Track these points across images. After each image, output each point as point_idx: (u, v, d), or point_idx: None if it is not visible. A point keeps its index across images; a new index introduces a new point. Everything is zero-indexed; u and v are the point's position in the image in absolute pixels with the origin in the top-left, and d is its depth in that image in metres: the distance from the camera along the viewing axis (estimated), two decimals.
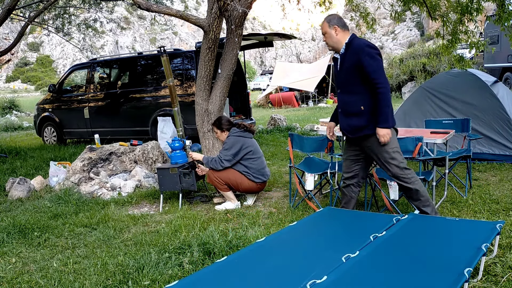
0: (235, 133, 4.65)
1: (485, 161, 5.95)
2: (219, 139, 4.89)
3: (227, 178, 4.59)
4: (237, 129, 4.68)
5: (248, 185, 4.64)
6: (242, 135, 4.64)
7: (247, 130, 4.71)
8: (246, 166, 4.62)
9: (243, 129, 4.70)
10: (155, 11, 5.50)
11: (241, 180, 4.60)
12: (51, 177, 5.86)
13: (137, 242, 3.71)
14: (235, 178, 4.59)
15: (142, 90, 8.58)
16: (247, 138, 4.66)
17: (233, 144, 4.57)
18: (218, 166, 4.56)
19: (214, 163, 4.57)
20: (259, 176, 4.67)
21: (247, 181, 4.62)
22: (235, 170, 4.61)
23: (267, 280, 2.49)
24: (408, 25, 53.83)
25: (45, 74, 58.17)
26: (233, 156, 4.55)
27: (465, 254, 2.56)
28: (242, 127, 4.72)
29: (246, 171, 4.62)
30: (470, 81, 6.29)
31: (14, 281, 3.12)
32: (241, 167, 4.61)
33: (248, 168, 4.63)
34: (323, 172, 4.45)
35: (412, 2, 6.53)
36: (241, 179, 4.61)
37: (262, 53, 71.89)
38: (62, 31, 12.35)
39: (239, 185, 4.62)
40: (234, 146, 4.56)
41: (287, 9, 45.55)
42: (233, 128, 4.71)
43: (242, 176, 4.61)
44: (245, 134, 4.67)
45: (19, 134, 13.82)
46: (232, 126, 4.75)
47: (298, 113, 16.01)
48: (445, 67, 16.73)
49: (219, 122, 4.79)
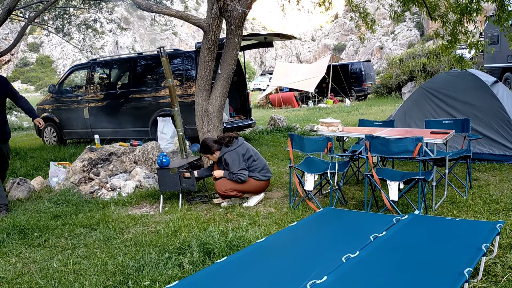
0: (229, 150, 4.67)
1: (485, 161, 5.95)
2: (213, 161, 4.92)
3: (233, 187, 4.63)
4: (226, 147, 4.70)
5: (257, 184, 4.71)
6: (234, 147, 4.68)
7: (232, 140, 4.72)
8: (252, 169, 4.70)
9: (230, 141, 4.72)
10: (155, 12, 5.50)
11: (248, 183, 4.67)
12: (51, 178, 5.86)
13: (137, 243, 3.71)
14: (241, 183, 4.64)
15: (142, 91, 8.58)
16: (241, 146, 4.70)
17: (234, 159, 4.61)
18: (241, 179, 4.60)
19: (237, 179, 4.60)
20: (265, 174, 4.77)
21: (255, 182, 4.70)
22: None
23: (267, 280, 2.49)
24: (408, 25, 53.83)
25: (45, 74, 58.14)
26: (243, 167, 4.61)
27: (465, 254, 2.57)
28: (228, 139, 4.74)
29: (252, 174, 4.69)
30: (470, 81, 6.29)
31: (14, 281, 3.12)
32: (247, 171, 4.69)
33: (253, 171, 4.70)
34: (323, 172, 4.45)
35: (411, 2, 6.54)
36: (248, 182, 4.67)
37: (262, 53, 71.88)
38: (62, 31, 12.36)
39: (248, 188, 4.69)
40: (236, 160, 4.60)
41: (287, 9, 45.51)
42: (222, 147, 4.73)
43: (248, 179, 4.67)
44: (236, 144, 4.71)
45: (19, 135, 13.82)
46: (218, 143, 4.78)
47: (298, 113, 16.01)
48: (445, 67, 16.73)
49: (207, 147, 4.81)
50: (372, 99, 20.43)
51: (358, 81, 21.06)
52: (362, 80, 20.97)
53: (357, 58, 50.08)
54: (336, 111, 15.67)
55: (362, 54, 54.32)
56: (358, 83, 21.05)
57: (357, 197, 4.85)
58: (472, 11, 6.03)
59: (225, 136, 4.83)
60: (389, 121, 5.80)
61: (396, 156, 4.13)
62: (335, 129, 5.04)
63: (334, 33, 65.50)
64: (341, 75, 20.79)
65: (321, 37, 69.30)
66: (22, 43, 62.25)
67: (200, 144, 4.99)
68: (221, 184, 4.64)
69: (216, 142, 4.82)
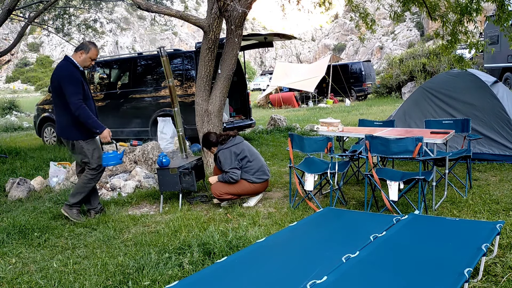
0: (223, 147, 4.68)
1: (485, 161, 5.95)
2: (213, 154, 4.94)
3: (227, 189, 4.61)
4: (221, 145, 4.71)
5: (250, 187, 4.66)
6: (228, 146, 4.67)
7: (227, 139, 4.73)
8: (245, 170, 4.66)
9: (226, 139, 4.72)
10: (155, 12, 5.50)
11: (242, 186, 4.63)
12: (51, 178, 5.86)
13: (137, 243, 3.71)
14: (234, 186, 4.61)
15: (142, 91, 8.58)
16: (236, 145, 4.69)
17: (226, 157, 4.61)
18: (233, 178, 4.58)
19: (228, 178, 4.59)
20: (260, 176, 4.69)
21: (248, 185, 4.65)
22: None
23: (267, 280, 2.49)
24: (408, 25, 53.84)
25: (45, 74, 58.11)
26: (234, 166, 4.59)
27: (465, 254, 2.57)
28: (224, 136, 4.75)
29: (245, 176, 4.64)
30: (470, 81, 6.29)
31: (14, 281, 3.12)
32: (241, 174, 4.65)
33: (247, 172, 4.66)
34: (323, 172, 4.45)
35: (411, 2, 6.54)
36: (241, 185, 4.63)
37: (262, 53, 71.90)
38: (62, 31, 12.35)
39: (242, 191, 4.66)
40: (228, 159, 4.60)
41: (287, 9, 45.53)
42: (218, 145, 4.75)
43: (241, 182, 4.63)
44: (231, 142, 4.70)
45: (19, 135, 13.82)
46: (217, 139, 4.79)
47: (298, 113, 16.01)
48: (445, 67, 16.72)
49: (206, 141, 4.83)
50: (372, 99, 20.43)
51: (358, 81, 21.06)
52: (362, 80, 20.97)
53: (357, 58, 50.09)
54: (336, 111, 15.67)
55: (362, 54, 54.33)
56: (358, 83, 21.06)
57: (357, 197, 4.85)
58: (472, 11, 6.04)
59: (222, 134, 4.84)
60: (389, 121, 5.81)
61: (396, 156, 4.13)
62: (335, 129, 5.04)
63: (334, 33, 65.51)
64: (341, 75, 20.79)
65: (321, 37, 69.34)
66: (22, 43, 62.26)
67: (202, 137, 5.00)
68: (216, 187, 4.64)
69: (216, 137, 4.83)
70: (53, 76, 4.30)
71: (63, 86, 4.18)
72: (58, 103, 4.34)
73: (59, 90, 4.23)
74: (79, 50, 4.37)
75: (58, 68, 4.33)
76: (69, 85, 4.18)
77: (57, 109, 4.41)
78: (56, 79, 4.25)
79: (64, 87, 4.18)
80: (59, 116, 4.41)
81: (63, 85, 4.18)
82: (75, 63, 4.33)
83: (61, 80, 4.21)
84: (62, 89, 4.20)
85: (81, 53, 4.35)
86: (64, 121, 4.33)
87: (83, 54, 4.36)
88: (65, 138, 4.42)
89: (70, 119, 4.28)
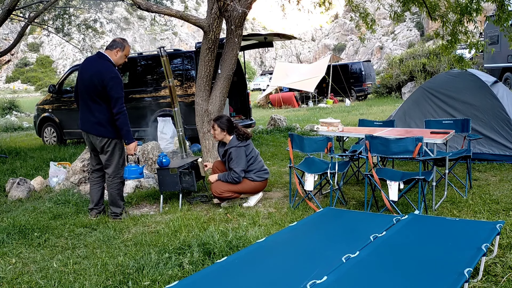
0: (238, 145, 4.64)
1: (485, 161, 5.95)
2: (215, 137, 4.81)
3: (228, 187, 4.62)
4: (237, 141, 4.66)
5: (251, 185, 4.69)
6: (243, 144, 4.66)
7: (245, 138, 4.71)
8: (248, 170, 4.68)
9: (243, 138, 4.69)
10: (155, 12, 5.50)
11: (243, 184, 4.65)
12: (51, 178, 5.86)
13: (137, 243, 3.71)
14: (235, 184, 4.62)
15: (142, 91, 8.58)
16: (246, 146, 4.69)
17: (239, 157, 4.58)
18: (237, 179, 4.59)
19: (231, 179, 4.59)
20: (261, 175, 4.74)
21: (249, 183, 4.67)
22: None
23: (267, 280, 2.49)
24: (408, 25, 53.86)
25: (45, 74, 58.16)
26: (243, 168, 4.60)
27: (465, 254, 2.57)
28: (242, 134, 4.70)
29: (247, 175, 4.67)
30: (470, 81, 6.29)
31: (14, 281, 3.12)
32: (243, 173, 4.66)
33: (249, 172, 4.68)
34: (323, 172, 4.45)
35: (411, 2, 6.54)
36: (243, 183, 4.65)
37: (262, 53, 71.91)
38: (62, 31, 12.36)
39: (243, 189, 4.67)
40: (240, 158, 4.58)
41: (287, 9, 45.56)
42: (233, 138, 4.68)
43: (243, 180, 4.65)
44: (245, 142, 4.70)
45: (19, 135, 13.82)
46: (232, 129, 4.72)
47: (298, 113, 16.02)
48: (445, 67, 16.73)
49: (221, 120, 4.73)
50: (372, 99, 20.44)
51: (358, 81, 21.07)
52: (362, 80, 20.97)
53: (357, 58, 50.11)
54: (336, 111, 15.67)
55: (362, 54, 54.35)
56: (358, 83, 21.06)
57: (357, 197, 4.85)
58: (472, 11, 6.04)
59: (244, 131, 4.77)
60: (389, 121, 5.81)
61: (396, 156, 4.13)
62: (335, 129, 5.04)
63: (334, 33, 65.54)
64: (341, 75, 20.79)
65: (321, 37, 69.37)
66: (22, 43, 62.24)
67: (220, 116, 4.85)
68: (216, 186, 4.63)
69: (237, 129, 4.73)
70: (98, 75, 4.10)
71: (110, 87, 4.05)
72: (95, 100, 4.15)
73: (100, 88, 4.08)
74: (114, 48, 4.22)
75: (106, 67, 4.13)
76: (118, 88, 4.09)
77: (91, 106, 4.19)
78: (100, 78, 4.08)
79: (112, 88, 4.06)
80: (91, 113, 4.21)
81: (111, 86, 4.05)
82: (113, 62, 4.20)
83: (109, 80, 4.06)
84: (107, 89, 4.06)
85: (117, 51, 4.22)
86: (100, 119, 4.19)
87: (119, 52, 4.23)
88: (99, 135, 4.22)
89: (106, 118, 4.17)
